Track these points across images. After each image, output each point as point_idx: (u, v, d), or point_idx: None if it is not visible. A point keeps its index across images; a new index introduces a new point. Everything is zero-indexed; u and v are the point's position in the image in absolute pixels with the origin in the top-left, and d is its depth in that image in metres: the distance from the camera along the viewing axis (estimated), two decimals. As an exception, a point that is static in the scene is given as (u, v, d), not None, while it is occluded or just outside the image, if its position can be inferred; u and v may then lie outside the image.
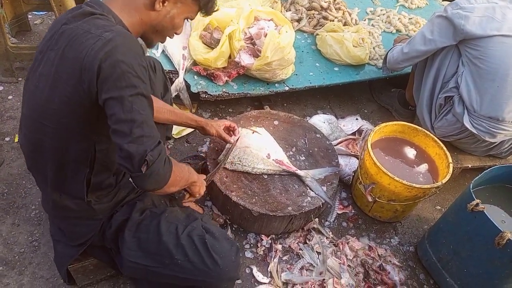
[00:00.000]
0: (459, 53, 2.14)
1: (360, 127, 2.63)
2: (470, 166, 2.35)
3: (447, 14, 2.07)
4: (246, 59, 2.45)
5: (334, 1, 3.22)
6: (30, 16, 3.17)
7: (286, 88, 2.60)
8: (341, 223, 2.19)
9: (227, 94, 2.46)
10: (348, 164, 2.36)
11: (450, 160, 2.04)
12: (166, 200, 1.62)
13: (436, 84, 2.26)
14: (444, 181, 1.95)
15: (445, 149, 2.10)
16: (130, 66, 1.08)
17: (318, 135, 2.31)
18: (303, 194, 1.98)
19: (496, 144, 2.27)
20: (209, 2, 1.34)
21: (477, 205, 1.67)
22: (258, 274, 1.88)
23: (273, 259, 1.92)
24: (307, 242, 2.02)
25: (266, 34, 2.41)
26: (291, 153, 2.18)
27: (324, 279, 1.87)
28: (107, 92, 1.07)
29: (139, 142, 1.09)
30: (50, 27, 1.24)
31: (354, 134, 2.62)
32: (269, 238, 2.01)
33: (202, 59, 2.46)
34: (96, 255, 1.59)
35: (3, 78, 2.65)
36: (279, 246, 1.98)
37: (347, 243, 2.05)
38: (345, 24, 3.10)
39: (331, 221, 2.17)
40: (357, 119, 2.71)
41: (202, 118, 1.90)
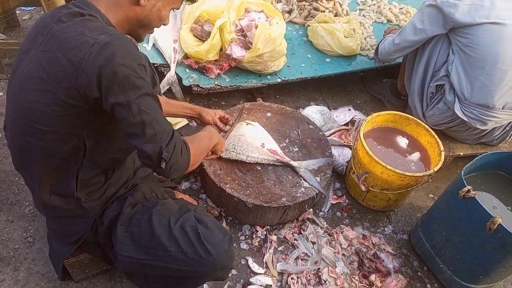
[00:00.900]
0: (449, 41, 2.15)
1: (352, 118, 2.64)
2: (462, 154, 2.37)
3: (437, 2, 2.07)
4: (237, 52, 2.44)
5: (325, -8, 3.22)
6: (18, 11, 3.14)
7: (278, 80, 2.60)
8: (335, 213, 2.20)
9: (220, 87, 2.46)
10: (341, 154, 2.37)
11: (442, 148, 2.06)
12: (158, 193, 1.61)
13: (427, 73, 2.27)
14: (436, 169, 1.97)
15: (437, 137, 2.11)
16: (131, 69, 1.09)
17: (311, 126, 2.32)
18: (297, 185, 1.99)
19: (487, 131, 2.29)
20: None
21: (468, 191, 1.68)
22: (253, 265, 1.89)
23: (268, 250, 1.93)
24: (302, 232, 2.03)
25: (257, 26, 2.40)
26: (284, 144, 2.18)
27: (319, 268, 1.89)
28: (114, 97, 1.09)
29: (153, 141, 1.15)
30: (33, 26, 1.21)
31: (347, 124, 2.63)
32: (264, 229, 2.02)
33: (193, 52, 2.45)
34: (90, 251, 1.59)
35: (-8, 75, 2.63)
36: (274, 237, 2.00)
37: (342, 233, 2.06)
38: (336, 15, 3.10)
39: (325, 211, 2.18)
40: (349, 110, 2.72)
41: (198, 106, 1.91)
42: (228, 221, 2.05)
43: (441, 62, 2.21)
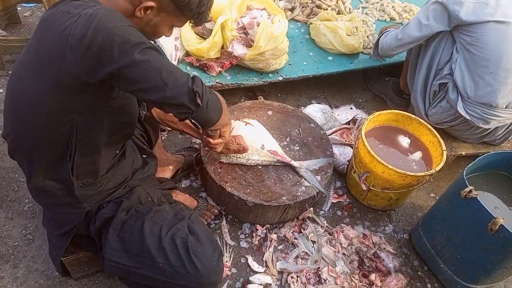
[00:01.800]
0: (453, 39, 2.14)
1: (354, 116, 2.63)
2: (464, 153, 2.35)
3: (442, 0, 2.06)
4: (239, 49, 2.43)
5: (328, -11, 3.20)
6: (19, 8, 3.12)
7: (280, 78, 2.59)
8: (335, 212, 2.19)
9: (221, 85, 2.45)
10: (342, 153, 2.36)
11: (444, 147, 2.04)
12: (155, 197, 1.58)
13: (430, 71, 2.25)
14: (437, 168, 1.95)
15: (439, 136, 2.10)
16: (124, 28, 1.06)
17: (312, 125, 2.31)
18: (298, 183, 1.98)
19: (490, 131, 2.27)
20: (198, 14, 1.28)
21: (470, 191, 1.67)
22: (253, 264, 1.88)
23: (268, 249, 1.93)
24: (302, 231, 2.02)
25: (259, 24, 2.39)
26: (285, 143, 2.17)
27: (319, 267, 1.88)
28: (114, 62, 1.04)
29: (177, 83, 1.12)
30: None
31: (348, 123, 2.61)
32: (264, 228, 2.01)
33: (195, 50, 2.44)
34: (87, 248, 1.58)
35: (-7, 72, 2.63)
36: (274, 236, 1.99)
37: (342, 232, 2.06)
38: (338, 12, 3.08)
39: (326, 210, 2.17)
40: (351, 108, 2.70)
41: None
42: (228, 219, 2.04)
43: (444, 60, 2.19)
